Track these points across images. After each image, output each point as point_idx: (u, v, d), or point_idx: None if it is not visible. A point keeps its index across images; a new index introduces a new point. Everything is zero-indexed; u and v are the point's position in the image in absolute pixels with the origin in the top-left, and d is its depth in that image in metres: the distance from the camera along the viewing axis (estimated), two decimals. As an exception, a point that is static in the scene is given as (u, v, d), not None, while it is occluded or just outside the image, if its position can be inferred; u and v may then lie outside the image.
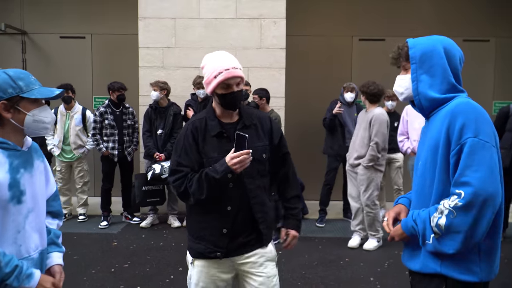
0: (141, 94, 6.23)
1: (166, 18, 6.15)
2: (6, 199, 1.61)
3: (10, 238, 1.64)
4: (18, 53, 7.22)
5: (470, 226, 1.54)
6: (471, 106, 1.66)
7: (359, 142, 4.88)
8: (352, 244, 5.02)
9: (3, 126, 1.66)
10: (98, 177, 6.46)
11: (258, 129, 2.20)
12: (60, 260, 1.89)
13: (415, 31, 7.00)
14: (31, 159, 1.75)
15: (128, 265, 4.42)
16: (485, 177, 1.54)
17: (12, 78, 1.65)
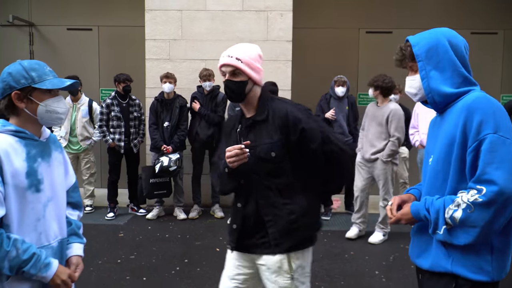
0: (147, 87, 6.25)
1: (173, 10, 6.14)
2: (24, 186, 1.65)
3: (30, 226, 1.68)
4: (25, 44, 7.25)
5: (487, 223, 1.51)
6: (488, 100, 1.60)
7: (373, 137, 4.88)
8: (350, 235, 5.06)
9: (18, 116, 1.71)
10: (104, 169, 6.50)
11: (269, 124, 2.02)
12: (80, 251, 1.92)
13: (422, 24, 6.97)
14: (48, 149, 1.79)
15: (134, 256, 4.46)
16: (508, 175, 1.49)
17: (26, 69, 1.69)
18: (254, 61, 2.04)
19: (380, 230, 5.00)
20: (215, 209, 5.93)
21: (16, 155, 1.64)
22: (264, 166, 2.02)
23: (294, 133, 1.99)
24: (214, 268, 4.19)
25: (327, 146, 2.03)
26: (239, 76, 2.03)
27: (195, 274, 4.05)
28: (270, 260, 2.04)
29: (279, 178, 2.02)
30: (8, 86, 1.67)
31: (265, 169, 2.02)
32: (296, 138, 1.99)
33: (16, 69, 1.69)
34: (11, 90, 1.67)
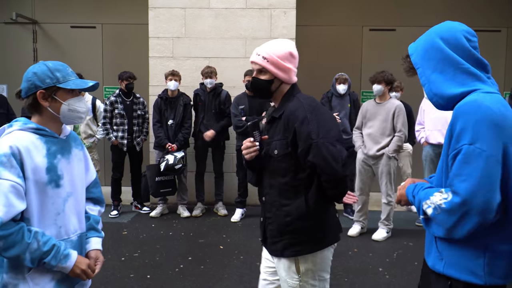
0: (151, 84, 6.25)
1: (176, 7, 6.14)
2: (44, 182, 1.71)
3: (50, 220, 1.74)
4: (29, 42, 7.26)
5: (450, 227, 1.52)
6: (476, 107, 1.49)
7: (377, 133, 4.91)
8: (352, 232, 5.10)
9: (41, 114, 1.78)
10: (108, 167, 6.52)
11: (282, 123, 2.02)
12: (99, 245, 1.98)
13: (425, 21, 6.94)
14: (68, 146, 1.86)
15: (138, 254, 4.48)
16: (473, 189, 1.45)
17: (51, 69, 1.76)
18: (282, 60, 2.04)
19: (384, 227, 5.02)
20: (218, 206, 5.94)
21: (37, 151, 1.71)
22: (269, 164, 2.06)
23: (290, 132, 1.98)
24: (218, 265, 4.21)
25: (311, 158, 1.91)
26: (265, 75, 2.06)
27: (199, 272, 4.06)
28: (280, 260, 2.08)
29: (282, 177, 2.02)
30: (34, 86, 1.74)
31: (271, 166, 2.05)
32: (291, 139, 1.97)
33: (42, 69, 1.75)
34: (36, 89, 1.74)
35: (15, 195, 1.61)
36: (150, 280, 3.88)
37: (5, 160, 1.62)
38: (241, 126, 5.38)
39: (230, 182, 6.23)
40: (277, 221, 2.04)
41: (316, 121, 1.94)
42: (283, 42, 2.09)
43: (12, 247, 1.61)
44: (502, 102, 1.53)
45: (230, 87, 6.03)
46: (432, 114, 5.16)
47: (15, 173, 1.63)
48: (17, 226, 1.62)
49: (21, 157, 1.66)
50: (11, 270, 1.69)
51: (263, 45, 2.09)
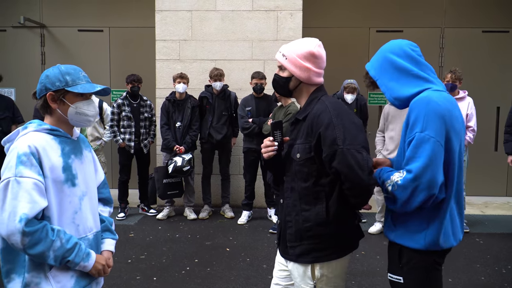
0: (157, 87, 6.27)
1: (183, 10, 6.16)
2: (61, 180, 1.76)
3: (69, 218, 1.79)
4: (37, 46, 7.32)
5: (404, 201, 1.84)
6: (426, 102, 1.83)
7: (399, 136, 4.87)
8: (372, 230, 5.27)
9: (52, 115, 1.85)
10: (115, 169, 6.54)
11: (306, 125, 1.96)
12: (112, 247, 2.04)
13: (433, 22, 6.92)
14: (80, 147, 1.91)
15: (145, 256, 4.48)
16: (423, 167, 1.77)
17: (62, 72, 1.82)
18: (300, 59, 2.00)
19: (381, 222, 5.19)
20: (225, 209, 5.92)
21: (53, 151, 1.76)
22: (291, 167, 2.00)
23: (314, 137, 1.91)
24: (224, 268, 4.19)
25: (336, 164, 1.83)
26: (284, 72, 2.07)
27: (205, 274, 4.05)
28: (295, 265, 2.03)
29: (304, 182, 1.95)
30: (45, 88, 1.81)
31: (292, 170, 1.99)
32: (314, 143, 1.90)
33: (54, 72, 1.82)
34: (47, 91, 1.80)
35: (37, 192, 1.65)
36: (156, 282, 3.88)
37: (25, 159, 1.66)
38: (248, 127, 5.38)
39: (236, 184, 6.22)
40: (297, 225, 1.98)
41: (342, 126, 1.86)
42: (306, 41, 2.03)
43: (37, 244, 1.63)
44: (448, 98, 1.89)
45: (237, 89, 6.03)
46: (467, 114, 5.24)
47: (36, 171, 1.67)
48: (41, 224, 1.66)
49: (39, 156, 1.70)
50: (33, 269, 1.71)
51: (290, 42, 2.08)
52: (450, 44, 6.90)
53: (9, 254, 1.74)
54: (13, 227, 1.60)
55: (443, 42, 6.91)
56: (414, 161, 1.80)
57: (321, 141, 1.87)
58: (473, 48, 6.87)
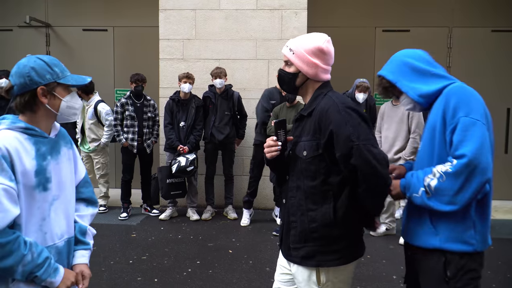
0: (161, 86, 6.23)
1: (187, 9, 6.11)
2: (32, 185, 1.61)
3: (35, 225, 1.64)
4: (42, 45, 7.31)
5: (455, 192, 1.73)
6: (463, 89, 1.84)
7: (394, 136, 4.87)
8: (374, 232, 5.11)
9: (36, 111, 1.68)
10: (118, 169, 6.50)
11: (312, 122, 1.89)
12: (84, 259, 1.85)
13: (440, 22, 6.80)
14: (57, 146, 1.76)
15: (146, 257, 4.43)
16: (477, 150, 1.70)
17: (49, 64, 1.67)
18: (308, 54, 1.93)
19: (385, 224, 5.11)
20: (228, 210, 5.86)
21: (26, 153, 1.61)
22: (296, 165, 1.93)
23: (324, 134, 1.83)
24: (227, 270, 4.13)
25: (354, 161, 1.75)
26: (290, 67, 1.99)
27: (207, 276, 3.99)
28: (299, 269, 1.95)
29: (311, 180, 1.88)
30: (32, 81, 1.63)
31: (299, 168, 1.92)
32: (325, 141, 1.82)
33: (39, 64, 1.65)
34: (36, 85, 1.63)
35: (9, 199, 1.52)
36: (157, 284, 3.82)
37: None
38: (268, 126, 5.22)
39: (240, 185, 6.15)
40: (302, 226, 1.89)
41: (353, 121, 1.79)
42: (315, 37, 1.95)
43: (8, 256, 1.51)
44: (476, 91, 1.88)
45: (241, 89, 5.97)
46: None
47: (7, 176, 1.53)
48: (14, 235, 1.53)
49: (11, 159, 1.56)
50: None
51: (297, 37, 2.01)
52: (458, 44, 6.78)
53: None
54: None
55: (450, 42, 6.80)
56: (465, 145, 1.72)
57: (334, 139, 1.80)
58: (481, 48, 6.75)
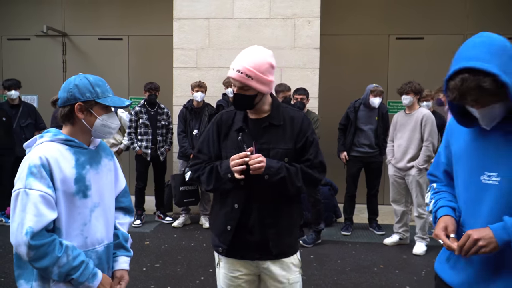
0: (174, 95, 6.29)
1: (200, 18, 6.18)
2: (72, 192, 1.73)
3: (76, 230, 1.76)
4: (59, 54, 7.46)
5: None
6: None
7: (407, 145, 4.83)
8: (388, 241, 5.12)
9: (74, 124, 1.82)
10: (132, 176, 6.56)
11: (286, 131, 2.08)
12: (126, 265, 2.00)
13: (455, 29, 6.75)
14: (98, 157, 1.88)
15: (160, 265, 4.46)
16: None
17: (92, 83, 1.80)
18: (264, 75, 1.99)
19: (422, 240, 4.91)
20: (241, 218, 5.86)
21: (66, 162, 1.73)
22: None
23: (300, 141, 2.09)
24: (239, 278, 4.13)
25: (316, 160, 2.12)
26: (248, 91, 2.01)
27: (220, 285, 3.99)
28: (279, 261, 2.11)
29: None
30: (73, 97, 1.78)
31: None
32: (300, 146, 2.09)
33: (83, 82, 1.79)
34: (75, 101, 1.77)
35: (45, 204, 1.64)
36: (170, 292, 3.85)
37: (36, 171, 1.65)
38: None
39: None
40: (282, 223, 2.10)
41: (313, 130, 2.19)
42: (262, 54, 2.01)
43: (42, 258, 1.62)
44: None
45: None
46: None
47: (45, 183, 1.66)
48: (50, 238, 1.65)
49: (50, 168, 1.69)
50: (40, 279, 1.71)
51: (241, 58, 1.99)
52: (473, 51, 6.70)
53: (20, 260, 1.75)
54: (20, 239, 1.61)
55: (465, 49, 6.73)
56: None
57: (307, 143, 2.10)
58: (497, 55, 6.67)
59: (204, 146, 2.17)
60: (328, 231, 5.57)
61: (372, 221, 5.70)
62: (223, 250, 2.13)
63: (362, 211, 6.17)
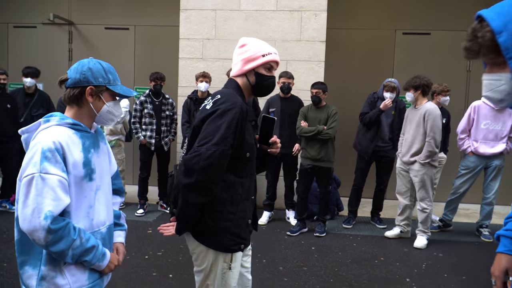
0: (180, 85, 6.30)
1: (207, 9, 6.18)
2: (81, 176, 1.76)
3: (83, 212, 1.79)
4: (65, 42, 7.47)
5: None
6: None
7: (412, 139, 4.85)
8: (388, 234, 5.17)
9: (80, 107, 1.83)
10: (136, 166, 6.60)
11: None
12: (120, 238, 2.06)
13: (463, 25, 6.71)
14: (97, 140, 1.91)
15: (162, 253, 4.49)
16: None
17: (105, 69, 1.85)
18: None
19: (423, 234, 4.93)
20: (243, 209, 5.89)
21: (74, 146, 1.75)
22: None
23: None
24: (240, 268, 4.16)
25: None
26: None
27: (221, 273, 4.03)
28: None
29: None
30: (86, 80, 1.80)
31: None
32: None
33: (97, 67, 1.83)
34: (87, 84, 1.80)
35: (62, 189, 1.65)
36: (172, 279, 3.88)
37: (50, 155, 1.65)
38: None
39: (257, 184, 6.18)
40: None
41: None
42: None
43: (59, 241, 1.64)
44: None
45: (259, 89, 6.00)
46: (483, 125, 5.03)
47: (60, 168, 1.67)
48: (65, 222, 1.66)
49: (63, 152, 1.70)
50: (50, 263, 1.72)
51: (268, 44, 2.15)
52: (480, 48, 6.68)
53: (24, 246, 1.74)
54: (37, 224, 1.59)
55: (472, 46, 6.70)
56: None
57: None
58: (503, 52, 6.65)
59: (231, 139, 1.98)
60: (330, 224, 5.60)
61: (375, 215, 5.72)
62: (245, 245, 2.14)
63: (364, 205, 6.18)
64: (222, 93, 2.05)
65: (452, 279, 4.03)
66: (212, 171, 1.90)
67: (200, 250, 2.08)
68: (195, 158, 1.90)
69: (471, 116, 5.12)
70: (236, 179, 2.04)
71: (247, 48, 2.08)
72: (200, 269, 2.13)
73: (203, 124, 1.98)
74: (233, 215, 2.04)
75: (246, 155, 2.04)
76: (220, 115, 1.93)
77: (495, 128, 5.00)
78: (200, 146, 1.92)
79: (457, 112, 6.34)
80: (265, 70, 2.08)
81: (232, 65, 2.16)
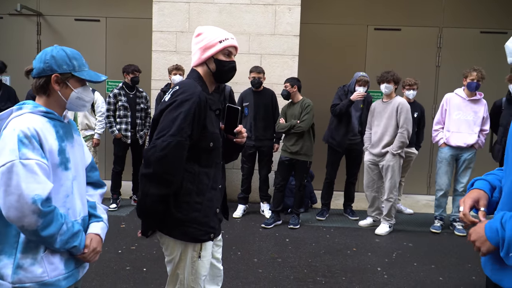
0: (153, 78, 6.23)
1: (181, 2, 6.12)
2: (56, 163, 1.73)
3: (60, 201, 1.75)
4: (33, 34, 7.26)
5: None
6: None
7: (383, 131, 5.00)
8: (362, 223, 5.38)
9: (49, 96, 1.81)
10: (109, 160, 6.50)
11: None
12: (95, 229, 1.91)
13: (432, 21, 6.90)
14: (70, 131, 1.89)
15: (135, 247, 4.46)
16: None
17: (69, 56, 1.81)
18: None
19: (386, 222, 5.15)
20: (218, 202, 5.90)
21: (49, 134, 1.73)
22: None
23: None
24: (215, 260, 4.18)
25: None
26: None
27: (196, 266, 4.03)
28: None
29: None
30: (50, 68, 1.77)
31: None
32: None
33: (60, 54, 1.79)
34: (52, 73, 1.77)
35: (44, 173, 1.64)
36: (146, 273, 3.86)
37: (27, 142, 1.63)
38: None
39: (231, 178, 6.20)
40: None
41: None
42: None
43: (50, 225, 1.63)
44: None
45: (233, 83, 5.99)
46: (455, 115, 5.15)
47: (39, 153, 1.65)
48: (52, 206, 1.65)
49: (39, 139, 1.67)
50: (27, 251, 1.67)
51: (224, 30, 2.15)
52: (448, 44, 6.89)
53: None
54: (26, 209, 1.56)
55: (440, 42, 6.90)
56: None
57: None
58: (470, 49, 6.87)
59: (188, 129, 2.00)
60: (304, 216, 5.67)
61: (347, 207, 5.83)
62: (215, 234, 2.14)
63: (337, 197, 6.29)
64: (180, 83, 2.05)
65: (421, 268, 4.16)
66: (167, 162, 1.90)
67: (169, 241, 2.10)
68: (151, 150, 1.92)
69: (444, 107, 5.27)
70: (201, 169, 2.04)
71: (204, 37, 2.08)
72: (170, 259, 2.15)
73: (161, 116, 1.97)
74: (200, 205, 2.05)
75: (209, 145, 2.04)
76: (176, 106, 1.94)
77: (467, 118, 5.08)
78: (157, 139, 1.92)
79: (426, 106, 6.50)
80: (224, 56, 2.08)
81: (192, 55, 2.16)
